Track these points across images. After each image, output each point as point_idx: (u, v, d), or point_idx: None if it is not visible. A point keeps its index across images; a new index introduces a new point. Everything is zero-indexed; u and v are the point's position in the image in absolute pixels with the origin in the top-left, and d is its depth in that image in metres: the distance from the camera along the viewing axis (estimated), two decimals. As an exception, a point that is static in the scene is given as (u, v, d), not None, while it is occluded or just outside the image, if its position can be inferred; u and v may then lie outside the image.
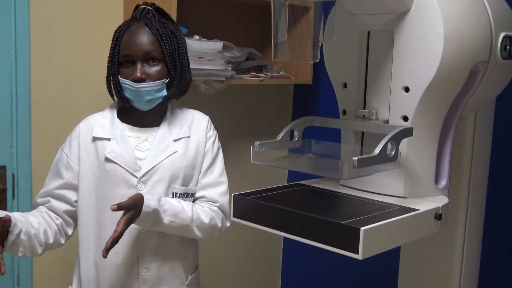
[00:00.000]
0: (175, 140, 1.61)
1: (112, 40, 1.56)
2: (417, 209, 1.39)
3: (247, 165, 2.63)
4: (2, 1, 1.88)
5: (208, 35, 2.27)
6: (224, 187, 1.67)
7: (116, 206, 1.41)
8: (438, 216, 1.43)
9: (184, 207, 1.57)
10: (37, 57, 1.97)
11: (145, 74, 1.53)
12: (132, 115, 1.61)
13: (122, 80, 1.54)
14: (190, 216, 1.57)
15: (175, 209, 1.55)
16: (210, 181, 1.65)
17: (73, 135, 1.61)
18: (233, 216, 1.49)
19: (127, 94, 1.55)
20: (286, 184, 1.67)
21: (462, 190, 1.68)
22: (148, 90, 1.53)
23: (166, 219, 1.52)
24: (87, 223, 1.58)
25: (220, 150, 1.72)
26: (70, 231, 1.62)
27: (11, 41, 1.90)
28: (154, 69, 1.54)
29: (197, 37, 2.19)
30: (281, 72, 2.53)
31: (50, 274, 2.07)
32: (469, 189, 1.68)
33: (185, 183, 1.62)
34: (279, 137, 1.54)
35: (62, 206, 1.59)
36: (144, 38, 1.53)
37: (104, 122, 1.60)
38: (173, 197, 1.59)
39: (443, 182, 1.54)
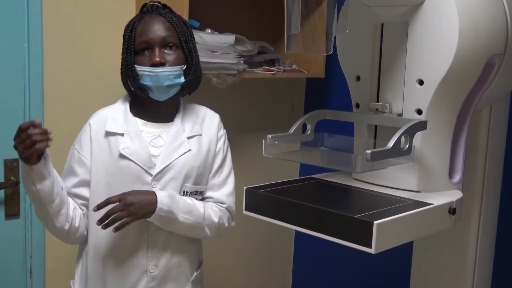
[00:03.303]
0: (188, 138, 1.60)
1: (126, 32, 1.56)
2: (431, 204, 1.38)
3: (259, 159, 2.63)
4: (14, -6, 1.88)
5: (220, 29, 2.26)
6: (231, 187, 1.68)
7: (96, 207, 1.45)
8: (452, 210, 1.42)
9: (196, 205, 1.58)
10: (50, 51, 1.97)
11: (164, 59, 1.52)
12: (145, 108, 1.60)
13: (139, 68, 1.52)
14: (202, 214, 1.58)
15: (189, 206, 1.56)
16: (219, 181, 1.66)
17: (84, 131, 1.58)
18: (245, 209, 1.48)
19: (146, 82, 1.52)
20: (299, 177, 1.66)
21: (477, 184, 1.66)
22: (168, 75, 1.52)
23: (181, 216, 1.53)
24: (97, 219, 1.53)
25: (229, 149, 1.72)
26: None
27: (24, 35, 1.91)
28: (172, 54, 1.54)
29: (209, 30, 2.19)
30: (294, 66, 2.52)
31: (62, 267, 2.08)
32: (484, 183, 1.66)
33: (196, 182, 1.62)
34: (292, 130, 1.54)
35: (80, 204, 1.57)
36: (160, 25, 1.54)
37: (117, 115, 1.58)
38: (184, 195, 1.59)
39: (457, 176, 1.53)
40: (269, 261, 2.87)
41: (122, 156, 1.53)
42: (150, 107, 1.59)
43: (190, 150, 1.59)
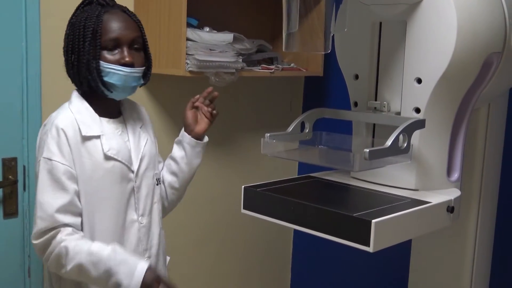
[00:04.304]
0: (140, 128, 1.62)
1: (87, 26, 1.46)
2: (429, 202, 1.39)
3: (257, 157, 2.63)
4: (12, -7, 1.88)
5: (218, 27, 2.26)
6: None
7: None
8: (450, 209, 1.43)
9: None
10: (48, 49, 1.97)
11: (133, 59, 1.48)
12: (103, 106, 1.54)
13: (107, 65, 1.46)
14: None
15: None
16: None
17: (60, 140, 1.45)
18: (244, 208, 1.49)
19: (113, 80, 1.47)
20: (297, 176, 1.67)
21: (475, 182, 1.67)
22: (136, 76, 1.49)
23: None
24: (87, 229, 1.48)
25: None
26: None
27: (21, 34, 1.91)
28: (138, 55, 1.51)
29: (207, 29, 2.19)
30: (292, 64, 2.52)
31: (61, 266, 2.08)
32: (482, 181, 1.67)
33: (158, 167, 1.66)
34: (290, 129, 1.54)
35: (79, 222, 1.48)
36: (129, 24, 1.50)
37: (84, 118, 1.49)
38: (158, 183, 1.63)
39: (455, 175, 1.54)
40: (268, 260, 2.87)
41: (107, 158, 1.48)
42: (107, 104, 1.54)
43: (147, 139, 1.61)
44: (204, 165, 2.46)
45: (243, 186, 1.50)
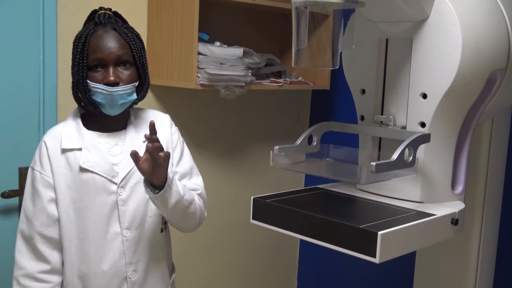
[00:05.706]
0: (144, 142, 1.57)
1: (78, 45, 1.52)
2: (433, 214, 1.40)
3: (265, 168, 2.66)
4: (31, 8, 1.93)
5: (229, 42, 2.30)
6: (199, 175, 1.68)
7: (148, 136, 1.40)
8: (454, 221, 1.44)
9: (185, 191, 1.55)
10: (64, 62, 2.01)
11: (118, 78, 1.51)
12: (98, 120, 1.58)
13: (93, 84, 1.50)
14: (193, 197, 1.58)
15: (183, 187, 1.54)
16: (184, 171, 1.65)
17: (41, 151, 1.55)
18: (253, 218, 1.50)
19: (99, 99, 1.51)
20: (305, 187, 1.69)
21: (478, 195, 1.68)
22: (122, 94, 1.51)
23: (179, 195, 1.50)
24: (67, 236, 1.54)
25: (185, 143, 1.71)
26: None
27: (39, 47, 1.95)
28: (126, 72, 1.52)
29: (218, 43, 2.22)
30: (300, 78, 2.56)
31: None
32: (485, 194, 1.68)
33: None
34: (298, 141, 1.55)
35: (55, 229, 1.54)
36: (115, 42, 1.52)
37: (70, 132, 1.56)
38: None
39: (459, 188, 1.55)
40: (275, 269, 2.89)
41: (83, 170, 1.52)
42: (103, 119, 1.58)
43: None
44: (214, 175, 2.50)
45: (252, 197, 1.51)
